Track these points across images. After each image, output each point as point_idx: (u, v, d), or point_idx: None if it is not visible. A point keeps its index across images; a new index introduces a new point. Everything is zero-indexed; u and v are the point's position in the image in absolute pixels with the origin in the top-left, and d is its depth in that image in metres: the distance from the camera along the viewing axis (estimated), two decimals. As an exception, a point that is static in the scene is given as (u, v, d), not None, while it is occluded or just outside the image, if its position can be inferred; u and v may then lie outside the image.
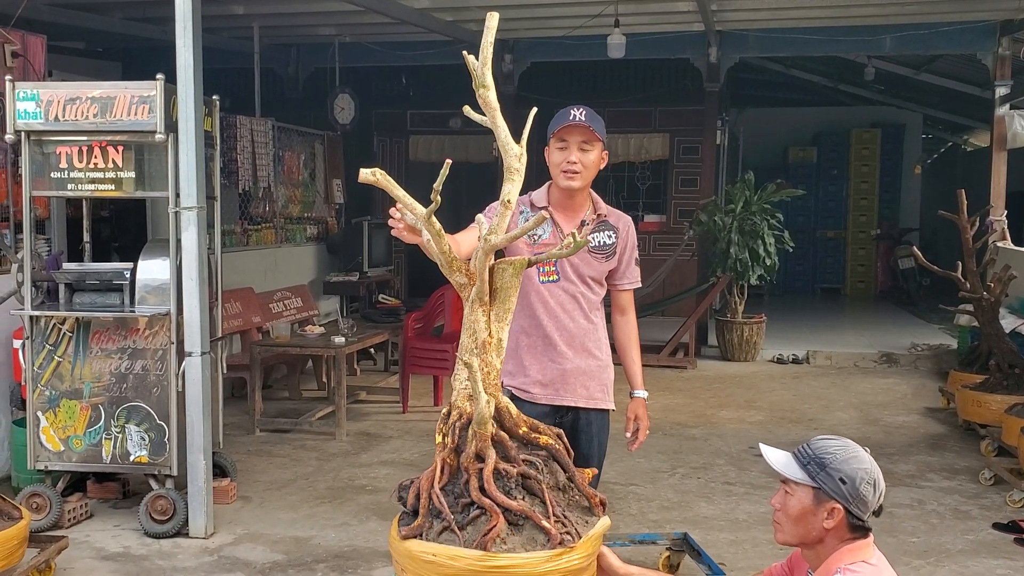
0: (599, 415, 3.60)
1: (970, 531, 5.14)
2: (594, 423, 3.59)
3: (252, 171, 8.77)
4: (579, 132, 3.40)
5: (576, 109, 3.42)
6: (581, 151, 3.41)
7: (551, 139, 3.46)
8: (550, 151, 3.47)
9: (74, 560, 4.62)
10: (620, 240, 3.58)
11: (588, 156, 3.42)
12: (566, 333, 3.52)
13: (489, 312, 2.69)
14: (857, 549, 2.59)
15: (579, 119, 3.38)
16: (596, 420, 3.60)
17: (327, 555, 4.77)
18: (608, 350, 3.65)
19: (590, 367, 3.55)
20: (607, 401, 3.63)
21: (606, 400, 3.62)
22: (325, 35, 10.33)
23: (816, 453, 2.58)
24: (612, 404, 3.66)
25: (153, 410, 5.06)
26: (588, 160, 3.42)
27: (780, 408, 8.04)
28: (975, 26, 9.53)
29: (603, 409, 3.62)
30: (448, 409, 2.71)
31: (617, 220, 3.62)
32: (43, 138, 4.98)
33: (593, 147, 3.43)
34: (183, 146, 4.83)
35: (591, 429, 3.58)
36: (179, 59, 4.80)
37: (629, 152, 12.74)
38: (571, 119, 3.39)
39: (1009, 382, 6.83)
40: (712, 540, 4.90)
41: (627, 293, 3.68)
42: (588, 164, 3.42)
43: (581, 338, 3.54)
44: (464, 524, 2.49)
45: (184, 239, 4.87)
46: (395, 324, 8.09)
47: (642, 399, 3.67)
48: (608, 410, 3.64)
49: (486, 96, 2.65)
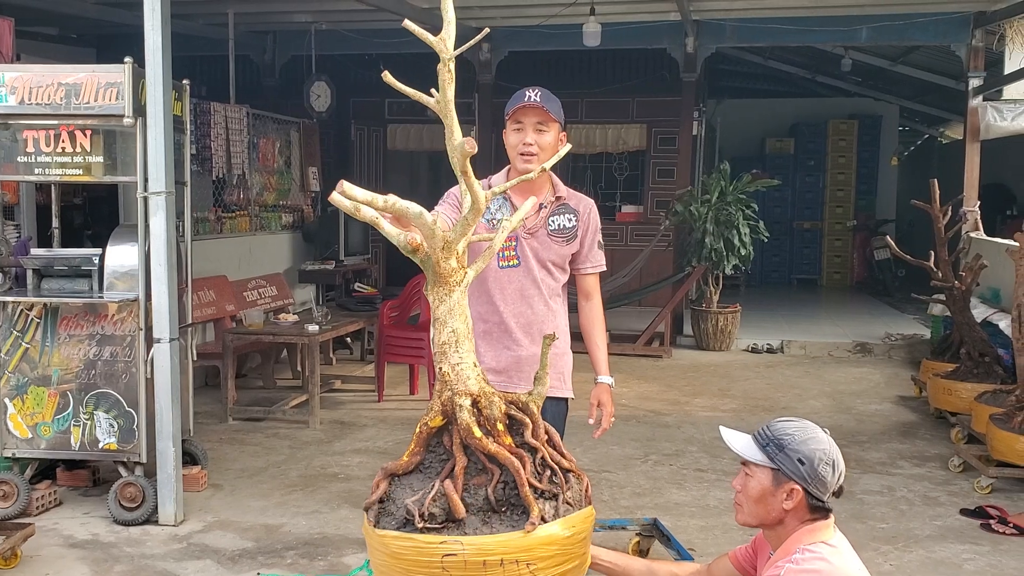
0: (554, 403, 3.45)
1: (938, 517, 5.19)
2: (548, 411, 3.42)
3: (226, 158, 8.72)
4: (534, 113, 3.35)
5: (531, 90, 3.36)
6: (537, 132, 3.36)
7: (507, 120, 3.41)
8: (507, 133, 3.42)
9: (41, 547, 4.59)
10: (581, 223, 3.52)
11: (544, 137, 3.37)
12: (523, 319, 3.47)
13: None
14: (817, 530, 2.59)
15: (533, 100, 3.33)
16: (551, 408, 3.38)
17: (297, 542, 4.76)
18: (567, 337, 3.59)
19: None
20: (564, 389, 3.56)
21: (562, 388, 3.56)
22: (301, 22, 10.27)
23: (774, 435, 2.60)
24: (570, 392, 3.61)
25: (122, 397, 5.02)
26: (544, 141, 3.37)
27: (753, 396, 8.07)
28: (949, 17, 9.58)
29: (559, 398, 3.53)
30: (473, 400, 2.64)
31: (577, 203, 3.56)
32: (9, 121, 4.93)
33: (549, 128, 3.37)
34: (151, 130, 4.79)
35: (544, 417, 3.51)
36: (147, 41, 4.75)
37: (607, 143, 12.74)
38: (526, 100, 3.34)
39: (979, 370, 6.88)
40: (683, 526, 4.92)
41: (591, 277, 3.62)
42: (545, 146, 3.36)
43: (539, 325, 3.47)
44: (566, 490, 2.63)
45: (153, 224, 4.83)
46: (371, 313, 8.07)
47: (606, 385, 3.59)
48: (565, 399, 3.58)
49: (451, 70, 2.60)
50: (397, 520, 2.57)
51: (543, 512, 2.50)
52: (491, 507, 2.53)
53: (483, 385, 2.66)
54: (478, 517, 2.53)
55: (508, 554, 2.45)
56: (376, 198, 2.47)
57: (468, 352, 2.67)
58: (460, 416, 2.60)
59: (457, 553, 2.44)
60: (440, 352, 2.66)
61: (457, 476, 2.56)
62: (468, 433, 2.58)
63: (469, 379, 2.64)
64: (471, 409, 2.62)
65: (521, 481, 2.51)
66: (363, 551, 4.62)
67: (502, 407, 2.65)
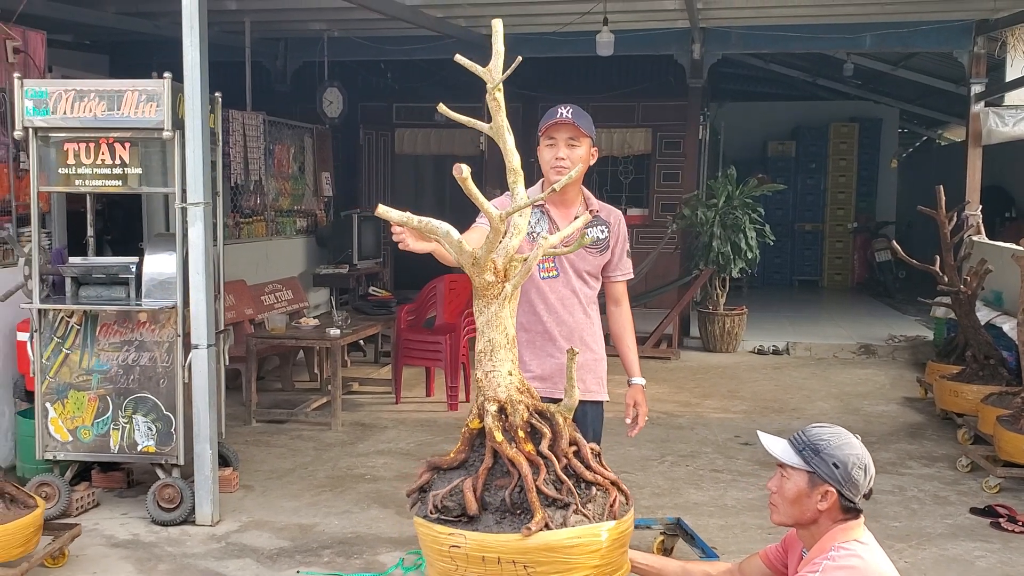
0: (594, 407, 3.75)
1: (949, 516, 5.36)
2: (589, 414, 3.71)
3: (244, 164, 8.88)
4: (566, 129, 3.52)
5: (564, 107, 3.54)
6: (569, 147, 3.54)
7: (540, 137, 3.59)
8: (540, 149, 3.60)
9: (85, 547, 4.74)
10: (612, 234, 3.73)
11: (576, 152, 3.54)
12: (565, 328, 3.66)
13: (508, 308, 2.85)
14: (849, 529, 2.77)
15: (565, 116, 3.51)
16: (591, 411, 3.73)
17: (332, 541, 4.92)
18: (602, 343, 3.82)
19: (587, 360, 3.66)
20: (602, 393, 3.79)
21: (601, 392, 3.78)
22: (314, 29, 10.42)
23: (811, 440, 2.77)
24: (607, 395, 3.82)
25: (160, 401, 5.18)
26: (576, 156, 3.54)
27: (763, 398, 8.25)
28: (952, 25, 9.77)
29: (598, 401, 3.77)
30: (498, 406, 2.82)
31: (608, 215, 3.76)
32: (50, 134, 5.08)
33: (581, 143, 3.55)
34: (190, 143, 4.94)
35: (586, 420, 3.68)
36: (186, 58, 4.90)
37: (612, 146, 12.92)
38: (558, 116, 3.52)
39: (984, 372, 7.06)
40: (703, 525, 5.08)
41: (620, 284, 3.84)
42: (576, 160, 3.53)
43: (579, 332, 3.68)
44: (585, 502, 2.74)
45: (191, 234, 4.99)
46: (387, 316, 8.23)
47: (640, 386, 3.81)
48: (602, 401, 3.80)
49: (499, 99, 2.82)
50: (426, 508, 2.80)
51: (549, 519, 2.65)
52: (508, 508, 2.70)
53: (512, 393, 2.84)
54: (494, 516, 2.72)
55: (505, 554, 2.64)
56: (411, 218, 2.66)
57: (502, 361, 2.85)
58: (486, 420, 2.80)
59: (460, 546, 2.66)
60: (477, 359, 2.87)
61: (480, 475, 2.76)
62: (491, 437, 2.77)
63: (499, 386, 2.83)
64: (496, 415, 2.81)
65: (528, 486, 2.68)
66: (397, 550, 4.80)
67: (524, 415, 2.83)
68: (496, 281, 2.80)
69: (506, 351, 2.86)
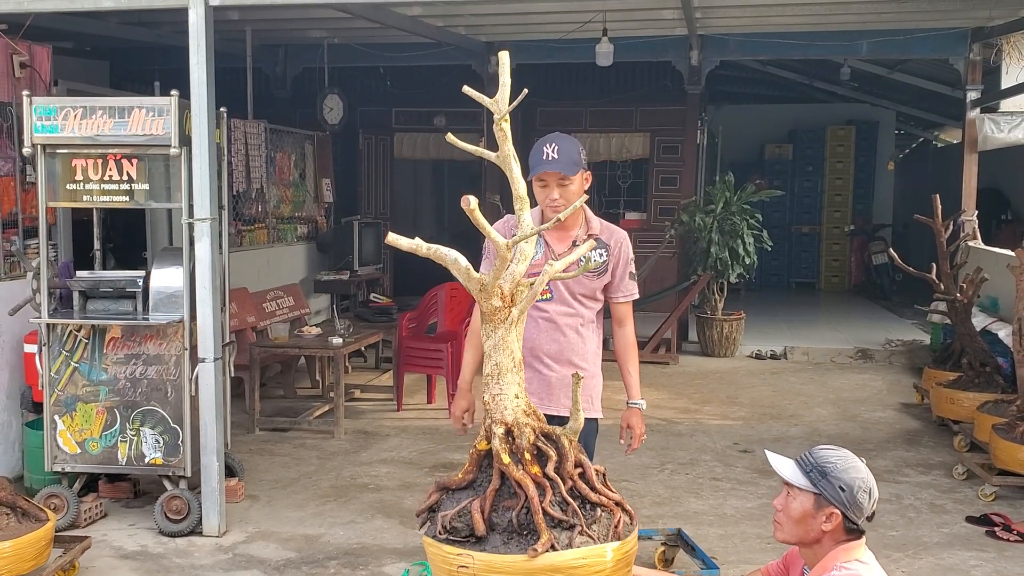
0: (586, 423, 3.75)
1: (945, 524, 5.44)
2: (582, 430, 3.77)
3: (246, 173, 8.94)
4: (554, 173, 3.58)
5: (548, 147, 3.55)
6: (561, 187, 3.60)
7: (532, 178, 3.60)
8: (534, 187, 3.61)
9: (95, 559, 4.81)
10: (612, 257, 3.78)
11: (569, 189, 3.60)
12: (555, 346, 3.74)
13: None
14: (851, 549, 2.84)
15: (551, 160, 3.53)
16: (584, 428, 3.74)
17: (337, 552, 4.99)
18: (596, 361, 3.86)
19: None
20: (592, 410, 3.81)
21: (591, 409, 3.79)
22: (315, 37, 10.47)
23: (818, 462, 2.83)
24: (599, 412, 3.87)
25: (167, 414, 5.25)
26: (570, 193, 3.60)
27: (761, 404, 8.33)
28: (948, 32, 9.83)
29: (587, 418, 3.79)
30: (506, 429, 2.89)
31: (609, 236, 3.80)
32: (59, 151, 5.14)
33: (572, 180, 3.60)
34: (196, 160, 5.01)
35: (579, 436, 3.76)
36: (192, 75, 4.97)
37: (611, 151, 12.97)
38: (544, 159, 3.54)
39: (980, 380, 7.14)
40: (703, 534, 5.15)
41: (624, 305, 3.88)
42: (570, 196, 3.58)
43: (568, 352, 3.76)
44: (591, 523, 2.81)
45: (198, 249, 5.05)
46: (388, 323, 8.30)
47: (637, 409, 3.85)
48: (594, 418, 3.82)
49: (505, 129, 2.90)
50: (436, 528, 2.86)
51: (555, 541, 2.72)
52: (514, 529, 2.77)
53: (519, 416, 2.92)
54: (501, 537, 2.79)
55: (512, 575, 2.70)
56: (420, 245, 2.73)
57: (509, 384, 2.93)
58: (494, 443, 2.88)
59: (468, 566, 2.74)
60: (484, 383, 2.95)
61: (487, 496, 2.83)
62: (498, 459, 2.85)
63: (506, 409, 2.91)
64: (503, 437, 2.89)
65: (535, 507, 2.75)
66: (402, 560, 4.86)
67: (531, 438, 2.90)
68: (503, 306, 2.88)
69: (512, 375, 2.94)
